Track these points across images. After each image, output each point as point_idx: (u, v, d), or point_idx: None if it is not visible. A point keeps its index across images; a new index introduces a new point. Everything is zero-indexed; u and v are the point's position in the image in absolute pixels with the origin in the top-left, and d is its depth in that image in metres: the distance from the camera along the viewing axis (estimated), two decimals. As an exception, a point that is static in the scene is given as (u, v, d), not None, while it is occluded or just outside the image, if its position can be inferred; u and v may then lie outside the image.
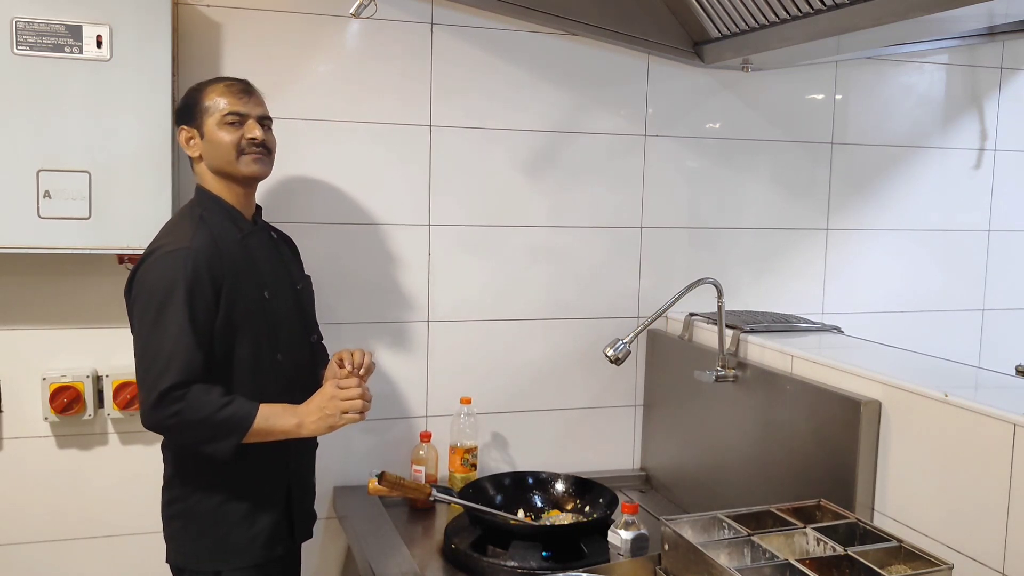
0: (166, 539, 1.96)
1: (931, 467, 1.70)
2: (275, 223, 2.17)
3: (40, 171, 2.06)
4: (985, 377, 1.97)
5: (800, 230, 2.88)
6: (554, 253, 2.64)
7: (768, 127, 2.79)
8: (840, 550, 1.57)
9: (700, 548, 1.58)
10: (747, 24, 2.34)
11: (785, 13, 2.18)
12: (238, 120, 1.91)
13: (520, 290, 2.62)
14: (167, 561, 1.96)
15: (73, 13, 2.05)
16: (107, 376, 2.29)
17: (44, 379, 2.26)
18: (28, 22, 2.02)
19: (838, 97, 2.86)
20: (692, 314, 2.51)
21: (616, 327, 2.59)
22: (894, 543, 1.59)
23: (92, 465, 2.35)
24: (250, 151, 1.91)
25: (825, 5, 2.04)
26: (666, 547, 1.70)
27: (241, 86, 1.95)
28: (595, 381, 2.69)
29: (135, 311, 1.84)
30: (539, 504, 2.33)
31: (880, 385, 1.82)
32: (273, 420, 1.83)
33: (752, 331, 2.28)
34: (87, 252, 2.11)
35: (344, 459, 2.48)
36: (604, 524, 2.09)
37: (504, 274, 2.60)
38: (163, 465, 1.97)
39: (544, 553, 1.99)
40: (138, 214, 2.11)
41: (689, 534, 1.67)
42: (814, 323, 2.45)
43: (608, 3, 2.53)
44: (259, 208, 2.06)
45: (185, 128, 1.94)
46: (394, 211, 2.49)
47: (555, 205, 2.62)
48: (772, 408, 2.09)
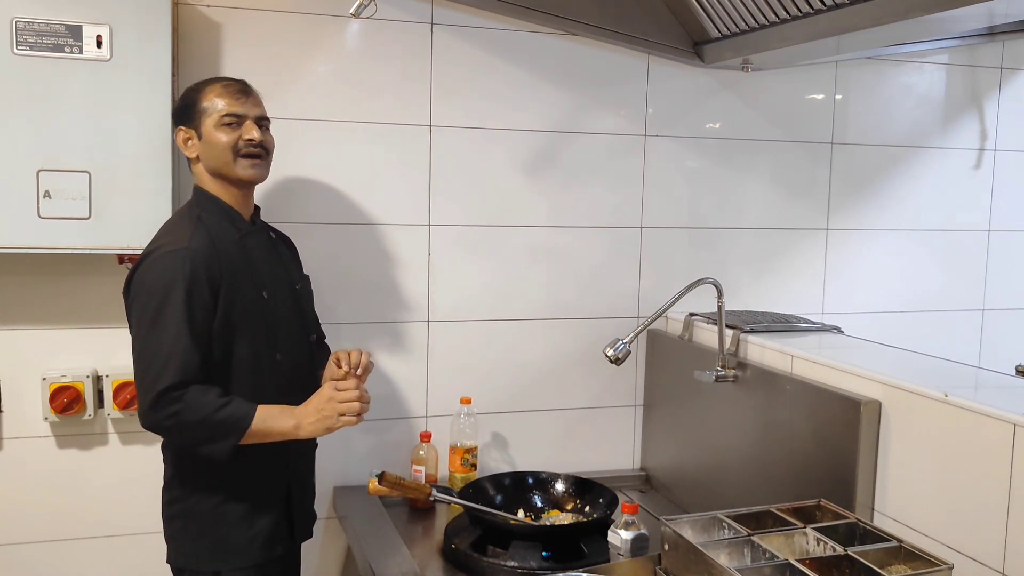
0: (166, 539, 1.96)
1: (931, 467, 1.70)
2: (274, 223, 2.17)
3: (40, 171, 2.06)
4: (985, 377, 1.97)
5: (800, 230, 2.87)
6: (554, 253, 2.64)
7: (768, 127, 2.79)
8: (840, 550, 1.57)
9: (700, 548, 1.58)
10: (747, 24, 2.34)
11: (785, 13, 2.18)
12: (235, 121, 1.90)
13: (520, 290, 2.62)
14: (167, 561, 1.96)
15: (73, 13, 2.05)
16: (107, 376, 2.29)
17: (44, 379, 2.26)
18: (28, 22, 2.02)
19: (838, 97, 2.86)
20: (692, 314, 2.51)
21: (616, 327, 2.59)
22: (894, 543, 1.59)
23: (92, 465, 2.35)
24: (247, 152, 1.91)
25: (825, 5, 2.04)
26: (666, 547, 1.70)
27: (239, 86, 1.94)
28: (595, 381, 2.69)
29: (133, 311, 1.84)
30: (539, 504, 2.33)
31: (880, 385, 1.82)
32: (271, 421, 1.83)
33: (752, 331, 2.28)
34: (87, 252, 2.12)
35: (344, 459, 2.48)
36: (604, 524, 2.09)
37: (504, 274, 2.60)
38: (163, 465, 1.97)
39: (544, 553, 1.99)
40: (138, 214, 2.11)
41: (689, 534, 1.67)
42: (814, 323, 2.45)
43: (608, 3, 2.53)
44: (257, 208, 2.06)
45: (183, 128, 1.94)
46: (394, 211, 2.49)
47: (555, 205, 2.62)
48: (772, 408, 2.09)
